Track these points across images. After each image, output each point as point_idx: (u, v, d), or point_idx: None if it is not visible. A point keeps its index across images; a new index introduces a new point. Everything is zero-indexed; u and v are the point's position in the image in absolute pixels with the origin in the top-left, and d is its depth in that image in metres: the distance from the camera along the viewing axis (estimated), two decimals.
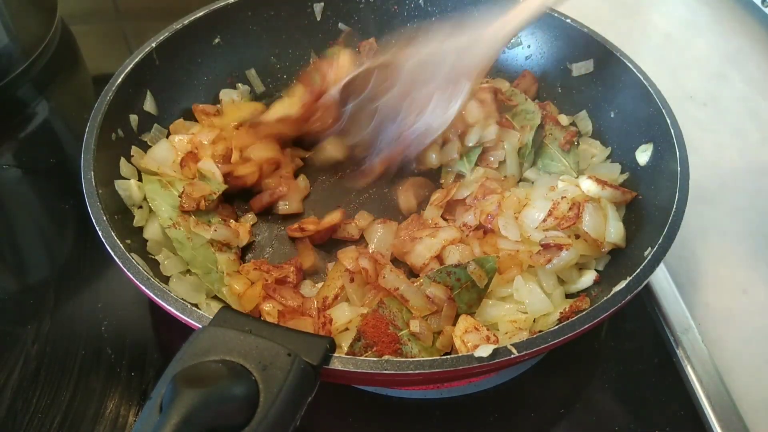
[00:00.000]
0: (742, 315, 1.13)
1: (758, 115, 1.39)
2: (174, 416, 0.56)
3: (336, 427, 0.98)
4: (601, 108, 1.23)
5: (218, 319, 0.73)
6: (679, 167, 1.00)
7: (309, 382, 0.69)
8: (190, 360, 0.65)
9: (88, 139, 1.00)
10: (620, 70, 1.17)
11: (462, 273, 0.96)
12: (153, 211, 1.05)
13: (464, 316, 0.94)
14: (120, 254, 0.87)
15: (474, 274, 0.96)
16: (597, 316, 0.82)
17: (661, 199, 1.00)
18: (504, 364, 0.79)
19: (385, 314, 0.95)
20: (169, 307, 0.81)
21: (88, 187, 0.95)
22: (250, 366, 0.65)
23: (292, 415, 0.65)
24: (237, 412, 0.61)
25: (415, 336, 0.93)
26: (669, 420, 0.99)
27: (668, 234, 0.91)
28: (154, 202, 1.04)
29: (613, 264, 1.05)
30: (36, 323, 1.06)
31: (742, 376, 1.05)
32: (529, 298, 0.98)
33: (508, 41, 1.12)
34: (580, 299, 0.98)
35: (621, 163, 1.17)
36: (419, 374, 0.75)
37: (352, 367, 0.74)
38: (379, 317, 0.95)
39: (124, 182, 1.05)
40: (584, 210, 1.01)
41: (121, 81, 1.10)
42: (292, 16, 1.36)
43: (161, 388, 0.61)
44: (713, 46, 1.54)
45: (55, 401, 0.97)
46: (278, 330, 0.72)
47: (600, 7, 1.69)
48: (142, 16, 1.76)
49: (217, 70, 1.31)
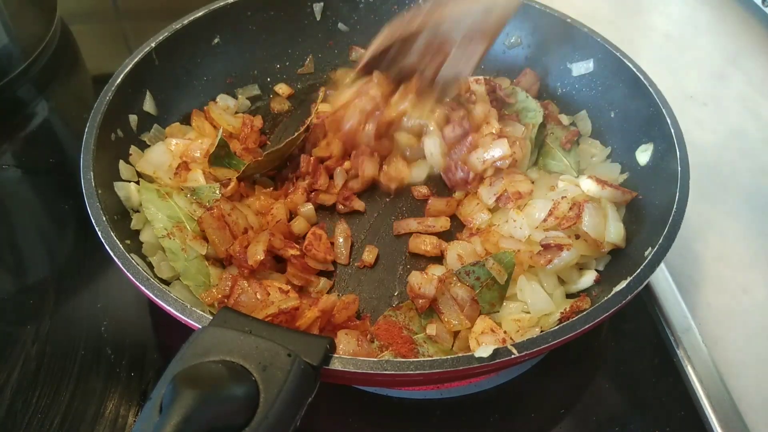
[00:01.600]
0: (742, 315, 1.13)
1: (758, 115, 1.39)
2: (174, 417, 0.56)
3: (336, 427, 0.98)
4: (601, 108, 1.23)
5: (218, 319, 0.72)
6: (680, 167, 1.00)
7: (309, 383, 0.68)
8: (190, 360, 0.65)
9: (88, 140, 1.00)
10: (620, 69, 1.17)
11: (481, 270, 0.96)
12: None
13: (482, 317, 0.95)
14: (119, 254, 0.87)
15: (493, 269, 0.96)
16: (597, 316, 0.82)
17: (661, 199, 1.00)
18: (504, 364, 0.79)
19: (398, 320, 0.96)
20: (168, 308, 0.81)
21: (88, 187, 0.94)
22: (250, 366, 0.65)
23: (292, 416, 0.65)
24: (237, 413, 0.61)
25: (432, 339, 0.93)
26: (669, 420, 0.99)
27: (668, 234, 0.91)
28: (149, 210, 1.03)
29: (613, 264, 1.04)
30: (36, 323, 1.06)
31: (742, 376, 1.05)
32: (531, 298, 0.98)
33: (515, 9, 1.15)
34: (581, 299, 0.98)
35: (621, 163, 1.17)
36: (419, 374, 0.75)
37: (352, 368, 0.74)
38: (391, 322, 0.95)
39: (124, 185, 1.05)
40: (584, 210, 1.01)
41: (120, 81, 1.10)
42: (291, 16, 1.36)
43: (161, 388, 0.61)
44: (713, 46, 1.54)
45: (55, 401, 0.97)
46: (278, 330, 0.71)
47: (600, 7, 1.69)
48: (142, 16, 1.76)
49: (216, 70, 1.31)
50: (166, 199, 1.05)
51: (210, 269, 1.01)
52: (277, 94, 1.38)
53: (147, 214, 1.03)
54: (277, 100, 1.37)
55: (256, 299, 0.93)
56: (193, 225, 1.03)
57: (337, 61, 1.43)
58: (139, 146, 1.15)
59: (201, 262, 1.00)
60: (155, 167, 1.12)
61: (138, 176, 1.11)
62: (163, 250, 1.01)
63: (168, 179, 1.11)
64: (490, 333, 0.92)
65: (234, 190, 1.09)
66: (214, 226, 1.01)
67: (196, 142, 1.16)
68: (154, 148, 1.17)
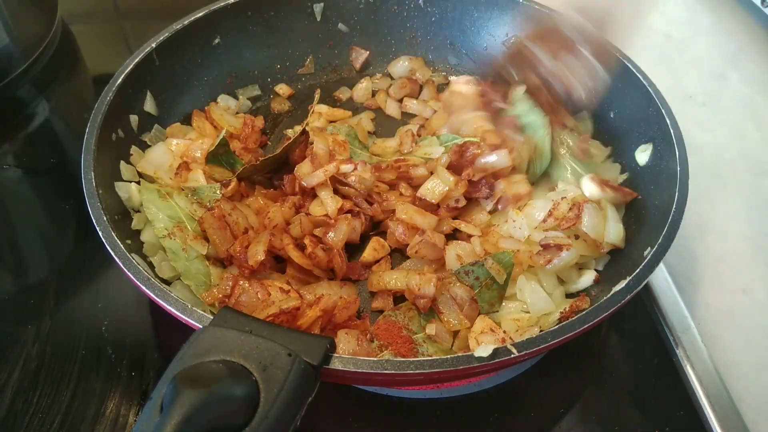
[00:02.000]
0: (741, 315, 1.13)
1: (758, 115, 1.39)
2: (174, 416, 0.56)
3: (336, 427, 0.98)
4: (601, 108, 1.23)
5: (219, 319, 0.73)
6: (679, 167, 1.00)
7: (309, 382, 0.69)
8: (191, 360, 0.65)
9: (89, 140, 1.00)
10: (620, 70, 1.17)
11: (480, 270, 0.97)
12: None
13: (482, 317, 0.95)
14: (120, 254, 0.87)
15: (492, 269, 0.96)
16: (597, 316, 0.82)
17: (660, 199, 1.01)
18: (504, 363, 0.79)
19: (398, 320, 0.96)
20: (169, 308, 0.81)
21: (89, 187, 0.95)
22: (251, 366, 0.65)
23: (292, 416, 0.65)
24: (237, 412, 0.61)
25: (432, 339, 0.93)
26: (669, 420, 0.99)
27: (668, 234, 0.92)
28: (150, 210, 1.03)
29: (613, 264, 1.05)
30: (36, 323, 1.06)
31: (741, 376, 1.05)
32: (531, 298, 0.98)
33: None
34: (580, 299, 0.98)
35: (621, 163, 1.17)
36: (419, 374, 0.76)
37: (352, 367, 0.74)
38: (391, 322, 0.95)
39: (125, 185, 1.05)
40: (584, 211, 1.01)
41: (121, 81, 1.10)
42: (292, 16, 1.36)
43: (161, 388, 0.61)
44: (713, 46, 1.54)
45: (55, 401, 0.97)
46: (278, 330, 0.72)
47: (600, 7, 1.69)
48: (142, 16, 1.76)
49: (217, 70, 1.31)
50: (167, 199, 1.06)
51: (211, 269, 1.01)
52: (277, 94, 1.39)
53: (148, 214, 1.03)
54: (277, 101, 1.38)
55: (257, 299, 0.93)
56: (193, 225, 1.03)
57: (337, 61, 1.43)
58: (140, 146, 1.16)
59: (202, 262, 1.01)
60: (156, 167, 1.12)
61: (139, 176, 1.11)
62: (163, 250, 1.01)
63: (169, 179, 1.12)
64: (489, 333, 0.92)
65: (234, 190, 1.09)
66: (215, 226, 1.01)
67: (196, 142, 1.17)
68: (154, 148, 1.17)
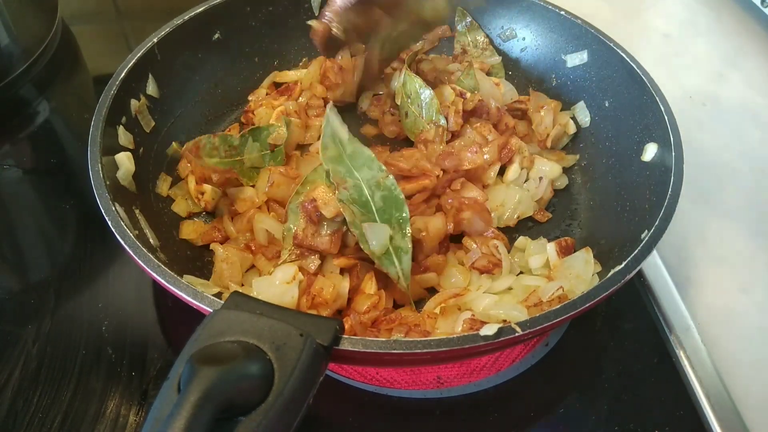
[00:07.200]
0: (741, 315, 1.13)
1: (758, 115, 1.39)
2: (194, 392, 0.56)
3: (336, 427, 0.98)
4: (596, 98, 1.25)
5: (230, 302, 0.73)
6: (674, 152, 1.01)
7: (321, 362, 0.70)
8: (206, 341, 0.66)
9: (94, 133, 1.00)
10: (613, 60, 1.19)
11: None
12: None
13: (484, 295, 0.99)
14: (130, 243, 0.87)
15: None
16: (598, 295, 0.84)
17: (656, 186, 1.02)
18: (509, 342, 0.80)
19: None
20: (180, 293, 0.82)
21: (96, 179, 0.94)
22: (264, 346, 0.66)
23: (306, 393, 0.67)
24: (253, 390, 0.62)
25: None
26: (668, 420, 0.99)
27: (664, 215, 0.93)
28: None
29: (611, 248, 1.05)
30: (36, 323, 1.06)
31: (741, 376, 1.05)
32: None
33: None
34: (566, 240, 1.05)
35: (616, 150, 1.19)
36: (427, 353, 0.76)
37: (361, 347, 0.75)
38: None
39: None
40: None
41: (125, 75, 1.10)
42: (290, 11, 1.38)
43: (178, 368, 0.62)
44: (713, 46, 1.55)
45: (55, 401, 0.97)
46: (289, 312, 0.73)
47: (600, 7, 1.69)
48: (142, 16, 1.77)
49: (217, 65, 1.32)
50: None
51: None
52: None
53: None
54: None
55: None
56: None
57: None
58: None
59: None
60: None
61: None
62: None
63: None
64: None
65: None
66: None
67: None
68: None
